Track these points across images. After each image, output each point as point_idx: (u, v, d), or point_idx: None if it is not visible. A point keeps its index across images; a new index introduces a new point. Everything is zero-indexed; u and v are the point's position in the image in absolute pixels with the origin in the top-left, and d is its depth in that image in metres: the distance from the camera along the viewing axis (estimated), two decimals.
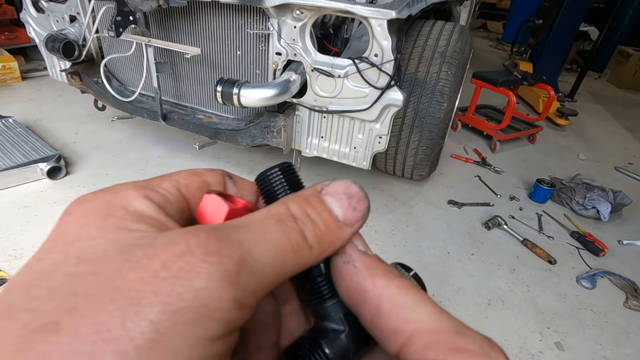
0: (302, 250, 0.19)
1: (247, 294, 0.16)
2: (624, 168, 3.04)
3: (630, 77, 5.46)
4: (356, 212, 0.20)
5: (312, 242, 0.19)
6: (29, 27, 2.24)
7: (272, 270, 0.17)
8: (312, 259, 0.19)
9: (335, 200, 0.20)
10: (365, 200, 0.21)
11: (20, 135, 2.22)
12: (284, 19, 1.57)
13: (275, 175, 0.22)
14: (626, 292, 1.80)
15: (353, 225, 0.20)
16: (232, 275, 0.16)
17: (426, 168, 2.14)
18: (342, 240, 0.20)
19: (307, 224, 0.19)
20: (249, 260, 0.17)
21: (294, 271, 0.19)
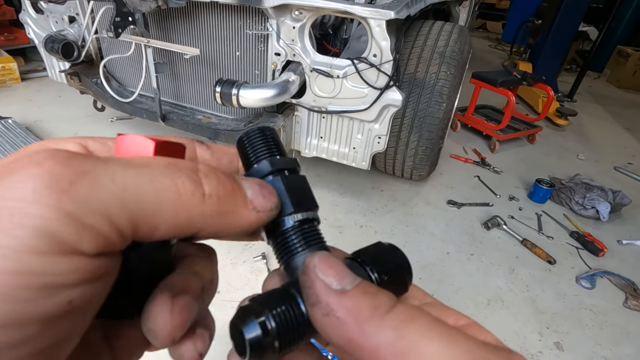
0: (193, 196, 0.16)
1: (87, 210, 0.14)
2: (623, 168, 3.05)
3: (630, 77, 5.47)
4: (265, 200, 0.19)
5: (209, 193, 0.17)
6: (28, 28, 2.24)
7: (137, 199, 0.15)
8: (205, 212, 0.17)
9: (248, 183, 0.19)
10: (275, 195, 0.20)
11: (20, 136, 2.21)
12: (283, 20, 1.57)
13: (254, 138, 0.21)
14: (625, 292, 1.80)
15: (259, 211, 0.19)
16: (60, 181, 0.14)
17: (425, 168, 2.14)
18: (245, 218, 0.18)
19: (210, 177, 0.17)
20: (97, 174, 0.14)
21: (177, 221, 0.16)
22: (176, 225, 0.16)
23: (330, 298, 0.17)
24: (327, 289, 0.17)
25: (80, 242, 0.14)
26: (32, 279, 0.13)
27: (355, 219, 2.06)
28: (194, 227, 0.17)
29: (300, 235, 0.20)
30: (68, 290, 0.14)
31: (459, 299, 1.65)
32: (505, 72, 3.19)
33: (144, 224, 0.15)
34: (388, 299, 0.17)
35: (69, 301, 0.14)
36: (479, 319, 1.58)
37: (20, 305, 0.12)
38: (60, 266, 0.13)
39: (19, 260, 0.12)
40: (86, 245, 0.14)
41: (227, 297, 1.52)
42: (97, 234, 0.14)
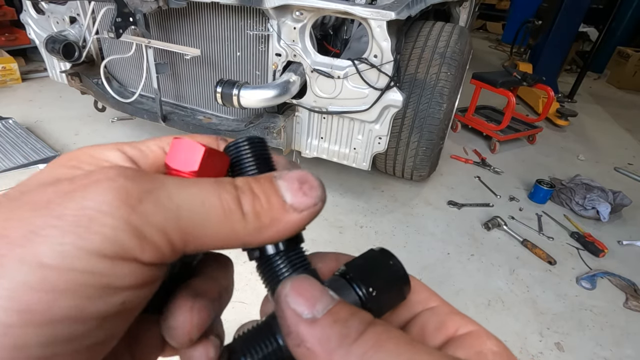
0: (233, 215, 0.17)
1: (149, 226, 0.15)
2: (623, 168, 3.05)
3: (630, 78, 5.47)
4: (306, 197, 0.19)
5: (247, 211, 0.18)
6: (29, 28, 2.25)
7: (190, 217, 0.16)
8: (247, 230, 0.18)
9: (287, 183, 0.19)
10: (318, 188, 0.19)
11: (21, 137, 2.22)
12: (284, 20, 1.57)
13: (243, 148, 0.21)
14: (626, 293, 1.80)
15: (302, 211, 0.19)
16: (130, 197, 0.15)
17: (426, 169, 2.14)
18: (287, 223, 0.19)
19: (246, 193, 0.18)
20: (158, 193, 0.16)
21: (223, 236, 0.17)
22: (221, 240, 0.18)
23: (300, 328, 0.17)
24: (298, 319, 0.17)
25: (140, 252, 0.15)
26: (96, 278, 0.14)
27: (355, 220, 2.06)
28: (238, 242, 0.18)
29: (283, 261, 0.20)
30: (123, 293, 0.15)
31: (460, 300, 1.65)
32: (505, 73, 3.19)
33: (193, 240, 0.17)
34: (358, 325, 0.17)
35: (123, 302, 0.15)
36: (480, 320, 1.58)
37: (84, 301, 0.14)
38: (120, 270, 0.15)
39: (87, 260, 0.14)
40: (144, 255, 0.16)
41: None
42: (154, 247, 0.16)
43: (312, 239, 1.88)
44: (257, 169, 0.20)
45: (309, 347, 0.17)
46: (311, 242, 1.85)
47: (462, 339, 0.20)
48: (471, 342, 0.19)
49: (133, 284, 0.16)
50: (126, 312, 0.16)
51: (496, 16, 8.22)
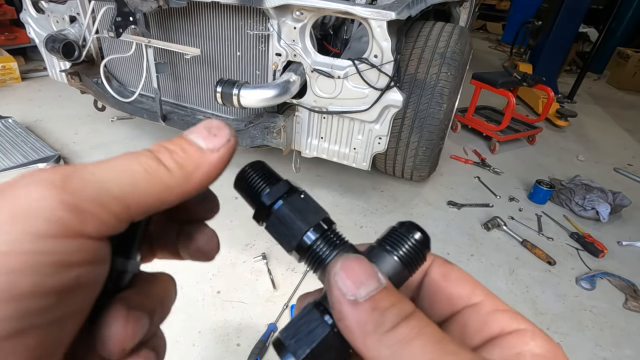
0: (158, 171, 0.19)
1: (81, 199, 0.16)
2: (623, 169, 3.05)
3: (630, 78, 5.47)
4: (217, 137, 0.21)
5: (169, 165, 0.19)
6: (29, 27, 2.24)
7: (118, 185, 0.18)
8: (176, 181, 0.19)
9: (196, 133, 0.21)
10: (225, 128, 0.21)
11: (20, 136, 2.21)
12: (284, 20, 1.57)
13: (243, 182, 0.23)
14: (626, 293, 1.80)
15: (218, 149, 0.21)
16: (56, 181, 0.16)
17: (426, 169, 2.14)
18: (211, 164, 0.20)
19: (162, 151, 0.20)
20: (80, 173, 0.17)
21: (158, 192, 0.19)
22: (160, 196, 0.19)
23: (343, 307, 0.18)
24: (342, 298, 0.18)
25: (82, 225, 0.16)
26: (48, 257, 0.16)
27: (355, 220, 2.06)
28: (175, 194, 0.19)
29: (323, 245, 0.22)
30: (76, 268, 0.16)
31: None
32: (505, 73, 3.19)
33: (134, 205, 0.18)
34: (394, 317, 0.18)
35: (77, 277, 0.16)
36: None
37: (41, 277, 0.15)
38: (68, 247, 0.16)
39: (36, 242, 0.15)
40: (88, 228, 0.17)
41: (227, 297, 1.52)
42: (96, 218, 0.17)
43: None
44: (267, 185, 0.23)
45: (347, 325, 0.18)
46: None
47: (503, 339, 0.19)
48: (512, 343, 0.19)
49: (85, 259, 0.17)
50: (82, 286, 0.17)
51: (496, 16, 8.22)
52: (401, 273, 0.21)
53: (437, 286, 0.23)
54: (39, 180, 0.17)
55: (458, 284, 0.22)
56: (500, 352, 0.19)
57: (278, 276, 1.64)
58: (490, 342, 0.19)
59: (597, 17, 5.24)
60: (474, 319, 0.21)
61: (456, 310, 0.22)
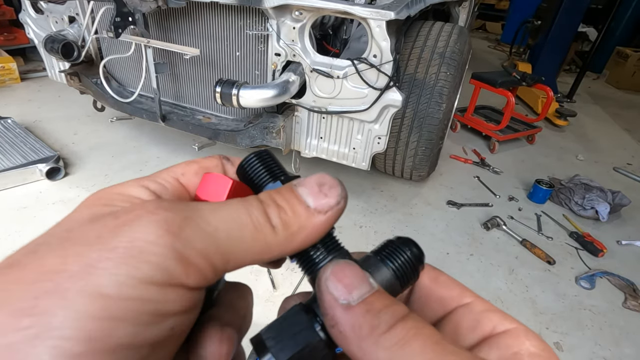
0: (264, 228, 0.18)
1: (190, 249, 0.16)
2: (622, 168, 3.05)
3: (629, 78, 5.47)
4: (328, 198, 0.20)
5: (275, 223, 0.19)
6: (28, 28, 2.24)
7: (227, 238, 0.17)
8: (279, 241, 0.19)
9: (307, 189, 0.20)
10: (338, 187, 0.20)
11: (19, 136, 2.21)
12: (283, 20, 1.57)
13: (252, 163, 0.22)
14: (625, 293, 1.81)
15: (326, 212, 0.20)
16: (172, 225, 0.16)
17: (425, 168, 2.14)
18: (314, 227, 0.20)
19: (271, 206, 0.19)
20: (196, 220, 0.17)
21: (258, 251, 0.18)
22: (258, 254, 0.19)
23: (336, 312, 0.18)
24: (334, 303, 0.18)
25: (185, 277, 0.16)
26: (148, 305, 0.15)
27: (355, 219, 2.06)
28: (272, 254, 0.19)
29: (319, 249, 0.21)
30: (172, 318, 0.16)
31: None
32: (504, 73, 3.19)
33: (233, 259, 0.18)
34: (389, 318, 0.17)
35: (172, 327, 0.16)
36: None
37: (139, 327, 0.15)
38: (169, 296, 0.16)
39: (140, 288, 0.15)
40: (189, 280, 0.16)
41: None
42: (198, 270, 0.17)
43: None
44: (271, 178, 0.22)
45: (341, 331, 0.18)
46: None
47: (498, 338, 0.19)
48: (507, 342, 0.19)
49: (181, 309, 0.16)
50: (175, 337, 0.17)
51: (495, 16, 8.22)
52: (393, 285, 0.20)
53: (427, 289, 0.23)
54: (158, 220, 0.16)
55: (448, 286, 0.22)
56: (498, 352, 0.19)
57: (278, 276, 1.64)
58: (485, 342, 0.19)
59: (596, 16, 5.24)
60: (467, 317, 0.21)
61: (448, 310, 0.22)
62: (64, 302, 0.14)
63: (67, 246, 0.16)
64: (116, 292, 0.14)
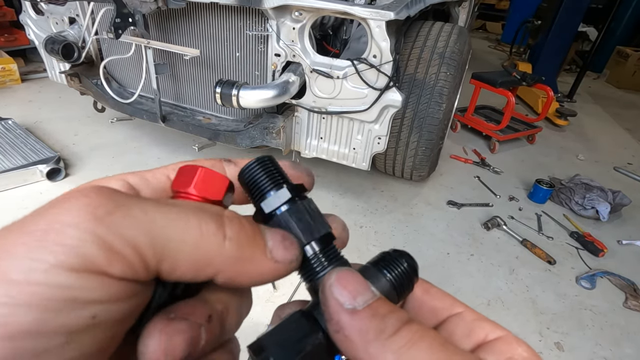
0: (213, 237, 0.18)
1: (115, 236, 0.15)
2: (623, 168, 3.05)
3: (629, 77, 5.47)
4: (286, 251, 0.20)
5: (229, 236, 0.18)
6: (29, 29, 2.25)
7: (164, 233, 0.16)
8: (225, 255, 0.18)
9: (270, 234, 0.20)
10: (297, 249, 0.20)
11: (20, 137, 2.22)
12: (283, 21, 1.57)
13: (254, 171, 0.22)
14: (626, 292, 1.80)
15: (277, 261, 0.20)
16: (98, 209, 0.16)
17: (425, 169, 2.14)
18: (264, 269, 0.19)
19: (234, 222, 0.19)
20: (131, 207, 0.16)
21: (199, 258, 0.17)
22: (195, 264, 0.17)
23: (342, 317, 0.18)
24: (340, 308, 0.18)
25: (108, 265, 0.15)
26: (61, 292, 0.14)
27: (355, 220, 2.06)
28: (211, 268, 0.18)
29: (320, 258, 0.21)
30: (92, 306, 0.15)
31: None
32: (504, 73, 3.19)
33: (167, 260, 0.17)
34: (395, 322, 0.18)
35: (93, 316, 0.15)
36: None
37: (48, 314, 0.14)
38: (87, 283, 0.15)
39: (52, 273, 0.14)
40: (113, 269, 0.15)
41: None
42: (124, 260, 0.16)
43: None
44: (273, 186, 0.22)
45: (347, 335, 0.18)
46: None
47: (492, 345, 0.20)
48: (502, 348, 0.20)
49: (103, 298, 0.15)
50: (98, 326, 0.15)
51: (495, 16, 8.22)
52: (391, 296, 0.21)
53: (420, 300, 0.23)
54: (86, 204, 0.16)
55: (439, 297, 0.23)
56: (493, 357, 0.19)
57: None
58: (480, 348, 0.20)
59: (597, 16, 5.23)
60: (460, 326, 0.21)
61: (441, 319, 0.23)
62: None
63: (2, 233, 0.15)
64: (24, 277, 0.14)
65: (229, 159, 0.24)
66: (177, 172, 0.21)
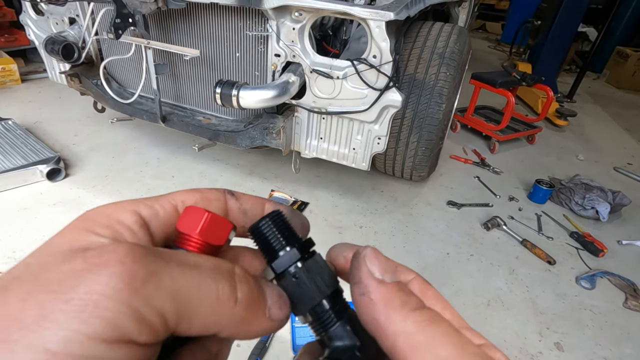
0: (228, 301, 0.18)
1: (149, 308, 0.16)
2: (622, 168, 3.05)
3: (629, 78, 5.47)
4: (280, 310, 0.21)
5: (241, 299, 0.19)
6: (29, 29, 2.25)
7: (187, 300, 0.17)
8: (232, 318, 0.19)
9: (270, 292, 0.21)
10: (289, 309, 0.22)
11: (20, 138, 2.22)
12: (283, 21, 1.57)
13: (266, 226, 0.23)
14: (625, 293, 1.80)
15: (273, 320, 0.21)
16: (134, 281, 0.16)
17: (425, 169, 2.14)
18: (261, 326, 0.20)
19: (244, 284, 0.19)
20: (161, 276, 0.17)
21: (212, 321, 0.18)
22: (208, 323, 0.18)
23: (370, 281, 0.20)
24: (369, 274, 0.20)
25: (138, 334, 0.16)
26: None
27: (355, 220, 2.06)
28: (220, 327, 0.19)
29: (330, 314, 0.22)
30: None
31: (459, 300, 1.65)
32: (504, 73, 3.19)
33: (185, 322, 0.17)
34: (418, 301, 0.19)
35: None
36: (479, 320, 1.59)
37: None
38: (117, 353, 0.15)
39: (88, 346, 0.15)
40: (141, 337, 0.16)
41: None
42: (151, 328, 0.16)
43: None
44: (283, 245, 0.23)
45: (372, 298, 0.19)
46: None
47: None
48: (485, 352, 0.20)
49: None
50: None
51: (495, 16, 8.22)
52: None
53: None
54: (122, 273, 0.16)
55: (432, 301, 0.23)
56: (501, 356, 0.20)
57: None
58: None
59: (597, 16, 5.23)
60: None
61: None
62: (10, 355, 0.14)
63: (31, 288, 0.16)
64: (62, 349, 0.14)
65: (232, 192, 0.25)
66: (183, 211, 0.22)
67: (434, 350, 0.17)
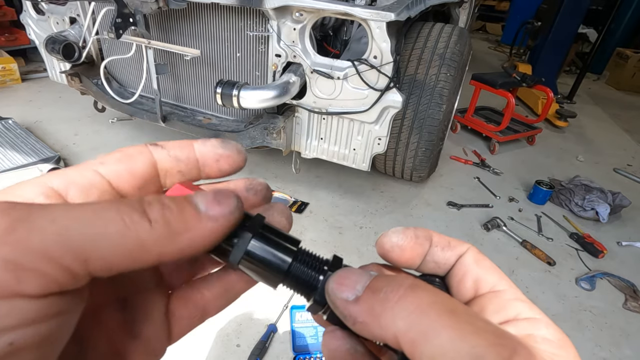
0: (137, 224, 0.17)
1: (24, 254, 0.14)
2: (622, 169, 3.05)
3: (629, 79, 5.48)
4: (221, 205, 0.19)
5: (154, 218, 0.17)
6: (29, 28, 2.25)
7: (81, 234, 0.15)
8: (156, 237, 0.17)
9: (201, 196, 0.19)
10: (233, 197, 0.19)
11: (20, 137, 2.22)
12: (284, 21, 1.57)
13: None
14: (625, 294, 1.80)
15: (217, 219, 0.19)
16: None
17: (425, 169, 2.14)
18: (203, 231, 0.18)
19: (154, 204, 0.18)
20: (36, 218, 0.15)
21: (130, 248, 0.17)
22: (129, 253, 0.16)
23: (350, 309, 0.19)
24: (346, 303, 0.19)
25: (19, 285, 0.14)
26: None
27: (355, 220, 2.06)
28: (149, 254, 0.17)
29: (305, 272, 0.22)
30: (8, 333, 0.14)
31: None
32: (505, 74, 3.19)
33: (95, 259, 0.16)
34: (397, 287, 0.18)
35: (10, 343, 0.14)
36: None
37: None
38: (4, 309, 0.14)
39: None
40: (28, 288, 0.14)
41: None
42: (40, 276, 0.14)
43: (312, 239, 1.88)
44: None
45: (362, 321, 0.19)
46: (310, 242, 1.85)
47: (517, 322, 0.20)
48: (525, 326, 0.19)
49: (19, 322, 0.14)
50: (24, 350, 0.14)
51: (496, 17, 8.23)
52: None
53: (467, 269, 0.23)
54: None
55: (487, 271, 0.22)
56: (513, 330, 0.19)
57: None
58: (504, 324, 0.20)
59: (597, 17, 5.24)
60: (494, 302, 0.21)
61: (480, 294, 0.22)
62: None
63: None
64: None
65: (155, 142, 0.23)
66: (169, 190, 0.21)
67: (431, 341, 0.16)
